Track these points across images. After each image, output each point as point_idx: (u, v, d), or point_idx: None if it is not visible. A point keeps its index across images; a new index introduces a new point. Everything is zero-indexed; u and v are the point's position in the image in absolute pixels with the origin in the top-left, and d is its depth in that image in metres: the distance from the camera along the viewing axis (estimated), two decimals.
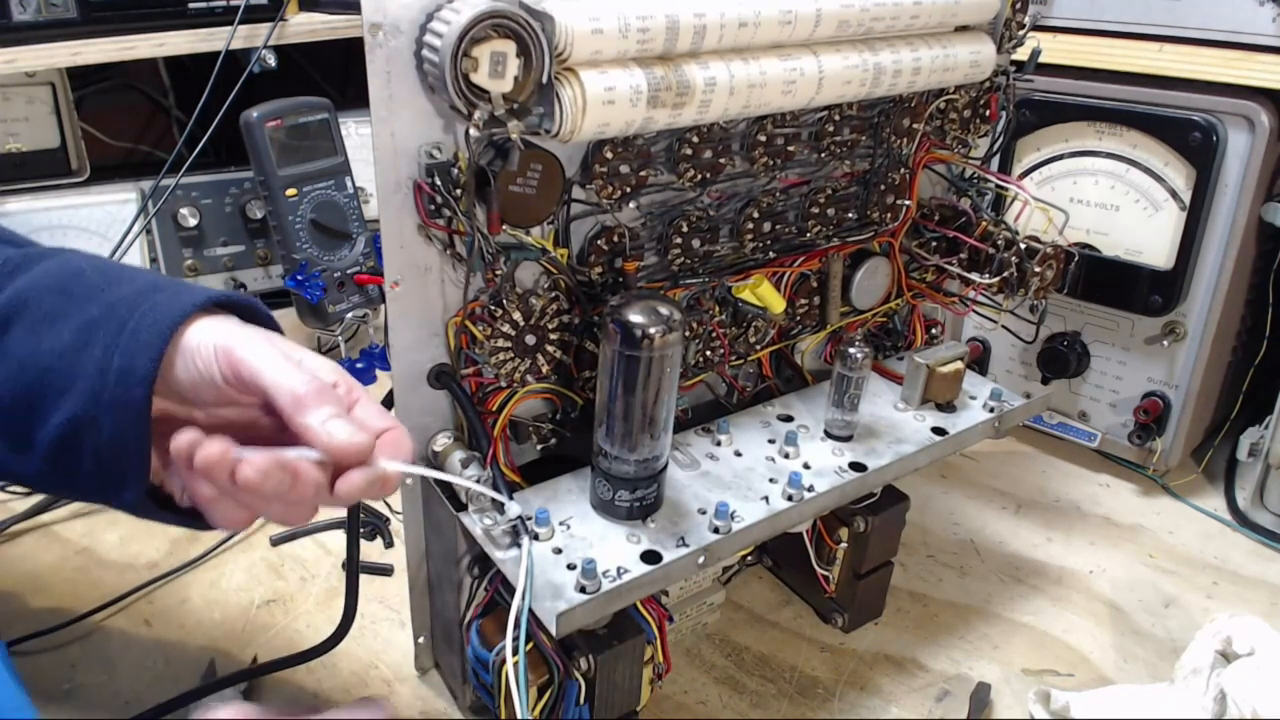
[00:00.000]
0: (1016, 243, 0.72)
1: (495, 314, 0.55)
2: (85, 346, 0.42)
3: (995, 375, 1.04)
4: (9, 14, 0.93)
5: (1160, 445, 0.93)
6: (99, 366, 0.42)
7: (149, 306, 0.43)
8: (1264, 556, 0.87)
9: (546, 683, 0.56)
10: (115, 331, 0.42)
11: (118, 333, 0.42)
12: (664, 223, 0.61)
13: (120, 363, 0.42)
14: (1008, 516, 0.91)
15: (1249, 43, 0.81)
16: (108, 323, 0.43)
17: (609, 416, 0.53)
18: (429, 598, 0.66)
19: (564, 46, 0.47)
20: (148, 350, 0.42)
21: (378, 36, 0.46)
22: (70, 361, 0.42)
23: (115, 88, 1.31)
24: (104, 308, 0.43)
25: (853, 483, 0.61)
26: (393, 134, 0.49)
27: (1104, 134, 0.89)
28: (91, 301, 0.44)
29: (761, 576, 0.81)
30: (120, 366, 0.42)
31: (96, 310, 0.43)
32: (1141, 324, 0.92)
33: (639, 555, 0.53)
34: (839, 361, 0.63)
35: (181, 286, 0.45)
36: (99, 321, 0.43)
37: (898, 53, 0.60)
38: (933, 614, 0.78)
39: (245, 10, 1.05)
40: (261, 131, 0.98)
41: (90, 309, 0.43)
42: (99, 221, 1.09)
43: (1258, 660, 0.59)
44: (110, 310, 0.43)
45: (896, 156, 0.71)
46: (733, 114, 0.55)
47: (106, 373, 0.42)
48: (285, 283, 1.01)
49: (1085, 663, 0.74)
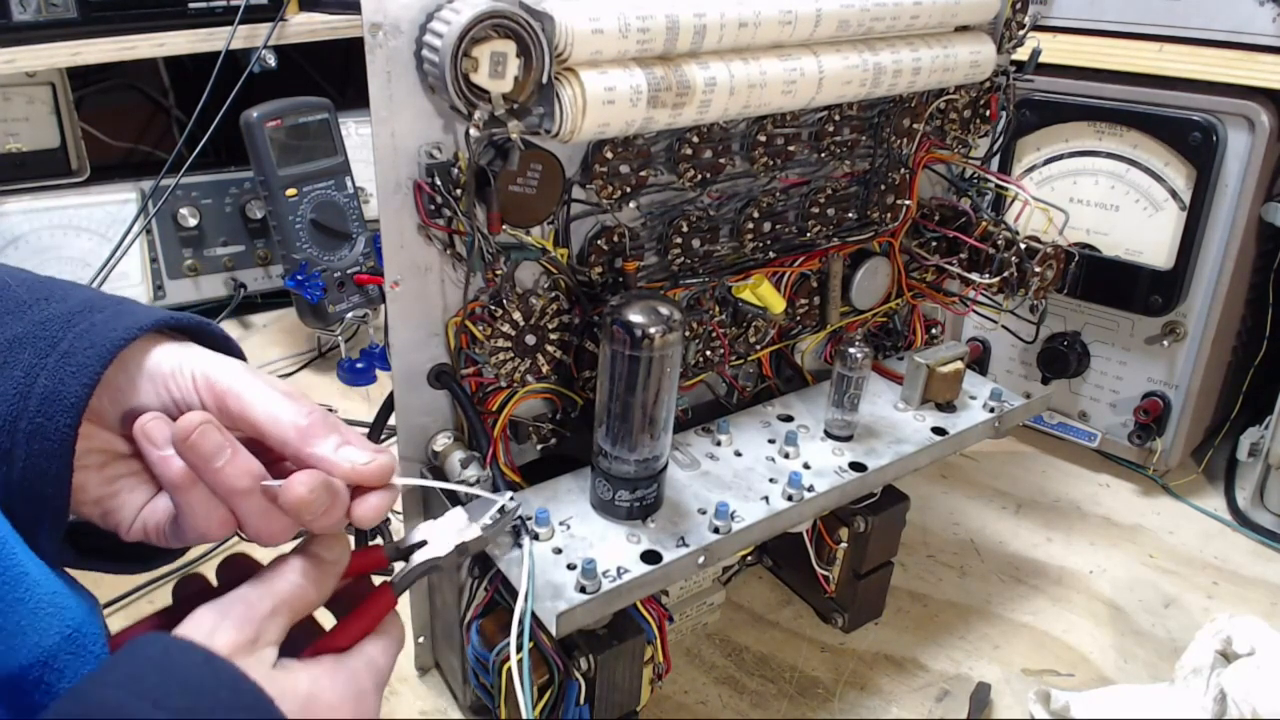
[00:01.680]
0: (1016, 243, 0.72)
1: (495, 314, 0.55)
2: (4, 366, 0.38)
3: (995, 375, 1.04)
4: (9, 14, 0.93)
5: (1160, 445, 0.93)
6: (18, 390, 0.37)
7: (85, 326, 0.39)
8: (1264, 556, 0.87)
9: (546, 683, 0.56)
10: (43, 352, 0.38)
11: (45, 354, 0.38)
12: (664, 223, 0.61)
13: (45, 386, 0.37)
14: (1008, 516, 0.91)
15: (1249, 43, 0.81)
16: (35, 342, 0.39)
17: (609, 416, 0.53)
18: (429, 598, 0.66)
19: (564, 46, 0.47)
20: (81, 374, 0.38)
21: (378, 36, 0.46)
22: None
23: (115, 88, 1.31)
24: (31, 325, 0.39)
25: (853, 483, 0.61)
26: (393, 134, 0.49)
27: (1104, 134, 0.89)
28: (15, 318, 0.39)
29: (761, 576, 0.81)
30: (44, 391, 0.37)
31: (21, 328, 0.39)
32: (1141, 324, 0.92)
33: (639, 555, 0.53)
34: (839, 361, 0.63)
35: (124, 306, 0.41)
36: (23, 340, 0.39)
37: (898, 53, 0.60)
38: (933, 614, 0.78)
39: (245, 10, 1.05)
40: (261, 131, 0.98)
41: (14, 326, 0.39)
42: (99, 221, 1.09)
43: (1258, 660, 0.59)
44: (39, 328, 0.39)
45: (896, 156, 0.71)
46: (733, 114, 0.55)
47: (27, 397, 0.37)
48: (285, 283, 1.01)
49: (1085, 663, 0.74)
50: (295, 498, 0.38)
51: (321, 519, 0.39)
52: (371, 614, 0.43)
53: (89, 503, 0.41)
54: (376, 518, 0.41)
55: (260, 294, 1.21)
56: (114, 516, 0.41)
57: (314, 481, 0.39)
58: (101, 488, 0.41)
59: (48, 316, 0.40)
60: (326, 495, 0.39)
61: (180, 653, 0.36)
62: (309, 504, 0.38)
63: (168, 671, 0.35)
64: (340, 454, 0.40)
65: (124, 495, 0.41)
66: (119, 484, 0.41)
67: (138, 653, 0.36)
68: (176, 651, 0.36)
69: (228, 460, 0.38)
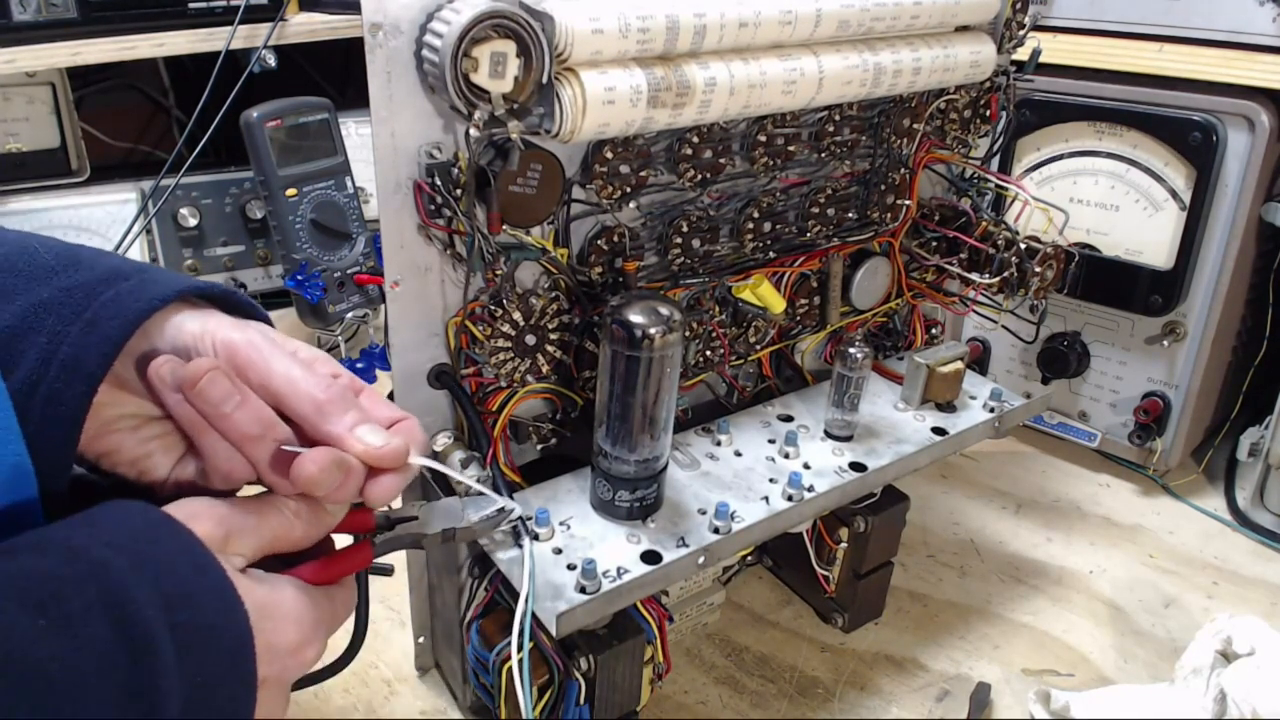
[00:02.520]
0: (1016, 243, 0.72)
1: (495, 314, 0.55)
2: (29, 331, 0.38)
3: (995, 375, 1.04)
4: (9, 14, 0.93)
5: (1160, 445, 0.93)
6: (41, 355, 0.38)
7: (111, 295, 0.39)
8: (1264, 556, 0.87)
9: (546, 683, 0.56)
10: (68, 319, 0.38)
11: (70, 321, 0.38)
12: (664, 223, 0.61)
13: (67, 353, 0.38)
14: (1008, 516, 0.91)
15: (1249, 43, 0.81)
16: (60, 309, 0.39)
17: (609, 416, 0.53)
18: (429, 598, 0.66)
19: (564, 46, 0.47)
20: (104, 344, 0.38)
21: (378, 36, 0.46)
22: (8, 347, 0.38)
23: (115, 88, 1.31)
24: (58, 291, 0.39)
25: (853, 483, 0.61)
26: (393, 134, 0.49)
27: (1104, 134, 0.89)
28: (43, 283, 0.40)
29: (761, 576, 0.81)
30: (66, 358, 0.38)
31: (48, 293, 0.39)
32: (1141, 324, 0.92)
33: (639, 555, 0.53)
34: (839, 361, 0.63)
35: (149, 274, 0.41)
36: (50, 306, 0.39)
37: (898, 53, 0.60)
38: (933, 614, 0.78)
39: (245, 10, 1.05)
40: (261, 131, 0.98)
41: (41, 291, 0.39)
42: (99, 221, 1.09)
43: (1258, 660, 0.59)
44: (66, 295, 0.39)
45: (896, 156, 0.71)
46: (733, 114, 0.55)
47: (48, 363, 0.38)
48: (285, 283, 1.01)
49: (1085, 663, 0.74)
50: (305, 475, 0.38)
51: (334, 494, 0.40)
52: (345, 563, 0.43)
53: (125, 464, 0.41)
54: (389, 498, 0.41)
55: (260, 294, 1.20)
56: (149, 475, 0.42)
57: (326, 461, 0.39)
58: (136, 448, 0.41)
59: (74, 284, 0.40)
60: (338, 474, 0.39)
61: (158, 521, 0.37)
62: (318, 483, 0.38)
63: (136, 532, 0.35)
64: (356, 433, 0.40)
65: (158, 456, 0.42)
66: (152, 444, 0.42)
67: (110, 510, 0.36)
68: (155, 518, 0.37)
69: (237, 405, 0.39)
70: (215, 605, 0.35)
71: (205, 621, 0.35)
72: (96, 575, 0.33)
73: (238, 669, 0.36)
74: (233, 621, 0.36)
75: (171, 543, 0.36)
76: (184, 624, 0.34)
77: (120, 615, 0.32)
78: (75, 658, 0.31)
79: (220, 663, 0.35)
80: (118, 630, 0.32)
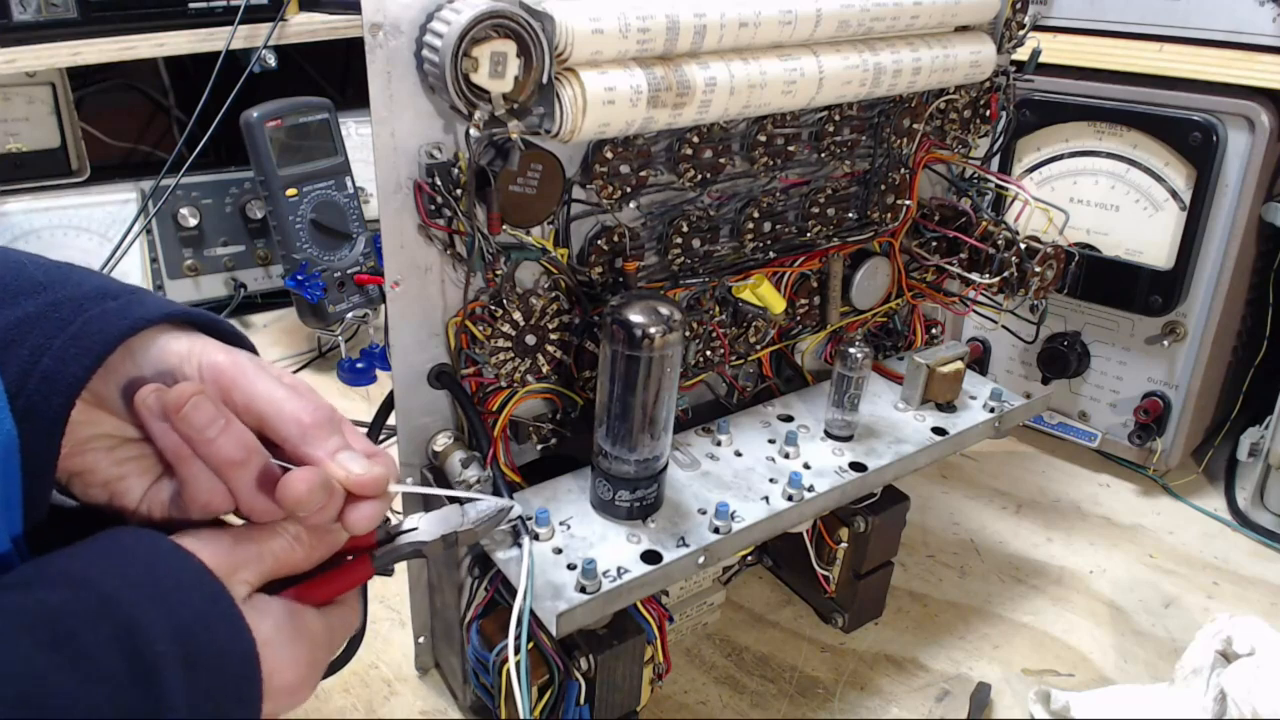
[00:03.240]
0: (1016, 243, 0.72)
1: (495, 314, 0.55)
2: (12, 344, 0.38)
3: (995, 375, 1.04)
4: (9, 14, 0.93)
5: (1160, 445, 0.93)
6: (22, 368, 0.38)
7: (96, 312, 0.39)
8: (1264, 556, 0.87)
9: (546, 683, 0.56)
10: (51, 334, 0.38)
11: (53, 335, 0.38)
12: (664, 223, 0.61)
13: (47, 366, 0.37)
14: (1008, 516, 0.91)
15: (1249, 43, 0.81)
16: (45, 323, 0.39)
17: (609, 416, 0.53)
18: (429, 598, 0.66)
19: (564, 46, 0.47)
20: (84, 358, 0.38)
21: (378, 36, 0.46)
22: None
23: (115, 88, 1.32)
24: (44, 306, 0.39)
25: (853, 483, 0.61)
26: (393, 134, 0.49)
27: (1104, 134, 0.89)
28: (30, 298, 0.40)
29: (761, 576, 0.81)
30: (45, 370, 0.37)
31: (34, 308, 0.39)
32: (1141, 324, 0.92)
33: (639, 555, 0.53)
34: (839, 361, 0.63)
35: (137, 296, 0.41)
36: (35, 320, 0.39)
37: (898, 53, 0.60)
38: (933, 614, 0.78)
39: (245, 10, 1.05)
40: (261, 131, 0.98)
41: (27, 305, 0.39)
42: (99, 221, 1.09)
43: (1258, 660, 0.59)
44: (52, 309, 0.39)
45: (896, 156, 0.71)
46: (733, 114, 0.55)
47: (29, 376, 0.37)
48: (285, 283, 1.01)
49: (1085, 663, 0.74)
50: (293, 494, 0.38)
51: (315, 516, 0.40)
52: (345, 580, 0.43)
53: (98, 485, 0.41)
54: (367, 526, 0.42)
55: (260, 294, 1.21)
56: (121, 499, 0.41)
57: (314, 480, 0.39)
58: (110, 469, 0.41)
59: (61, 299, 0.40)
60: (323, 495, 0.39)
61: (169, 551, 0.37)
62: (304, 502, 0.39)
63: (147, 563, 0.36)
64: (338, 459, 0.40)
65: (132, 479, 0.42)
66: (127, 466, 0.41)
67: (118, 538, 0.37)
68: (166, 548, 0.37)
69: (220, 430, 0.39)
70: (225, 634, 0.36)
71: (215, 650, 0.36)
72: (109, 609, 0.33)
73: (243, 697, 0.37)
74: (241, 651, 0.37)
75: (183, 574, 0.37)
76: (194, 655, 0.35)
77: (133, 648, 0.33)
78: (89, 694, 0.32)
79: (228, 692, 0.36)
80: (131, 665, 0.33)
